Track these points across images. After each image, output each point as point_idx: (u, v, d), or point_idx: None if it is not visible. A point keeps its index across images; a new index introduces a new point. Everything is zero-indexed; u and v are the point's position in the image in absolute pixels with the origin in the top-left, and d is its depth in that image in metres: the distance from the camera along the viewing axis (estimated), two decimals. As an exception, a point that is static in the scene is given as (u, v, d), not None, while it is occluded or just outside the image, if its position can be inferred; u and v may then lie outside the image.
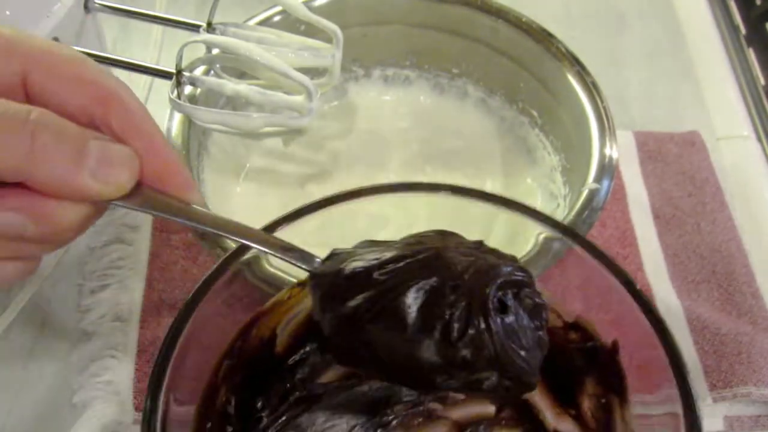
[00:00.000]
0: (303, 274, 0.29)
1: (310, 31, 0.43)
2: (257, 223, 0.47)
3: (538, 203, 0.48)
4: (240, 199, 0.48)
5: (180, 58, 0.41)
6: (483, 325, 0.24)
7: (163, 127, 0.41)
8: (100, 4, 0.44)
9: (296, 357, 0.33)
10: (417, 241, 0.27)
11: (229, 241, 0.37)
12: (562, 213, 0.44)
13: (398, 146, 0.51)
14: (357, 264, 0.26)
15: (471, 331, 0.24)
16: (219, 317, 0.31)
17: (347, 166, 0.50)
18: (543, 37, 0.46)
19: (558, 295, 0.32)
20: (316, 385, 0.34)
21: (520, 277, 0.26)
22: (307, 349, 0.33)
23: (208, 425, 0.30)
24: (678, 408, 0.26)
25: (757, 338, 0.47)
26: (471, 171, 0.50)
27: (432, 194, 0.33)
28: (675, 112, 0.62)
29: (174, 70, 0.41)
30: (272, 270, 0.36)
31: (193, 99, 0.42)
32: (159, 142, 0.26)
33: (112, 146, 0.24)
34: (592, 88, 0.43)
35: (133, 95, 0.26)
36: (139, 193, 0.25)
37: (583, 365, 0.32)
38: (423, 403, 0.34)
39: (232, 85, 0.40)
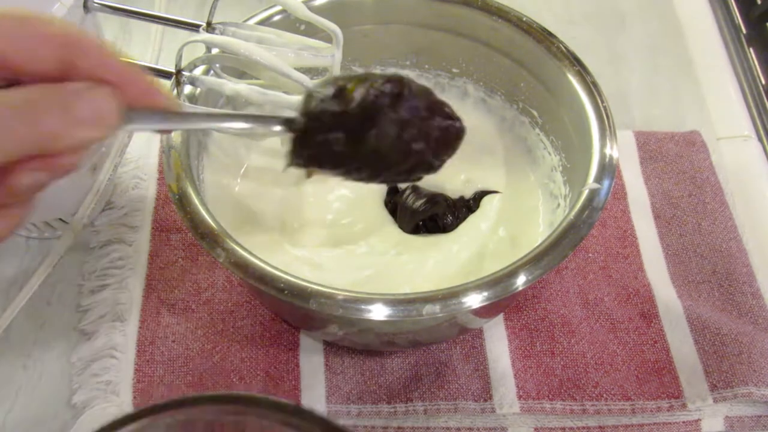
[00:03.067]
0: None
1: (310, 31, 0.43)
2: (256, 221, 0.47)
3: (539, 202, 0.48)
4: (238, 198, 0.48)
5: (180, 57, 0.41)
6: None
7: (163, 127, 0.41)
8: (99, 3, 0.44)
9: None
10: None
11: (229, 241, 0.37)
12: (562, 213, 0.44)
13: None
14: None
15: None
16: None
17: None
18: (543, 37, 0.46)
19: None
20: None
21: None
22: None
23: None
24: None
25: (758, 338, 0.47)
26: (473, 165, 0.49)
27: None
28: (675, 111, 0.62)
29: (174, 70, 0.41)
30: (268, 269, 0.36)
31: (192, 99, 0.42)
32: (130, 71, 0.28)
33: (91, 92, 0.26)
34: (592, 88, 0.43)
35: (94, 38, 0.27)
36: (131, 117, 0.27)
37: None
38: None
39: (231, 85, 0.40)
